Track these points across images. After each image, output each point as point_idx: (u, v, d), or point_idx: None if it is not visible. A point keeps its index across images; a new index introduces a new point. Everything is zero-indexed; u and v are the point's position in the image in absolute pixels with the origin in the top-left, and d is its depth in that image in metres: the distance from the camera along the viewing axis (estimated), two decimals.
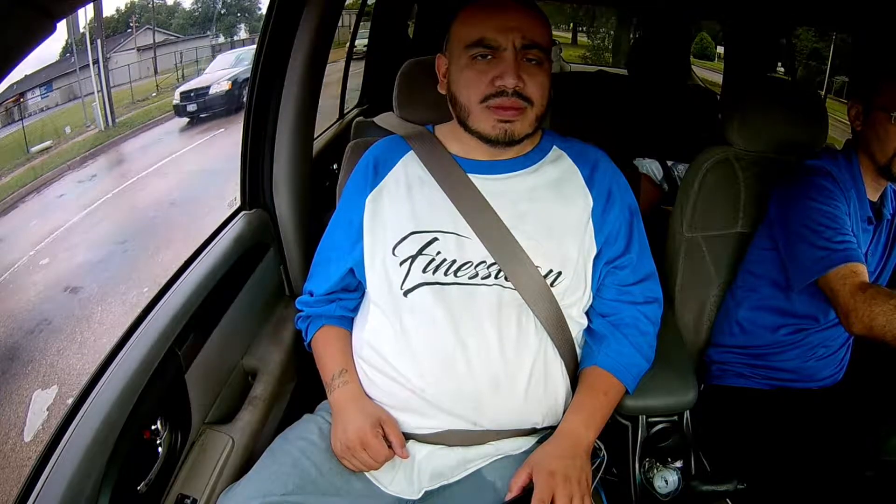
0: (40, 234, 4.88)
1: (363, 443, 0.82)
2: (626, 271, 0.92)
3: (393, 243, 0.87)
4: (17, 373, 3.16)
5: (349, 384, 0.89)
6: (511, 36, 0.81)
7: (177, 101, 7.90)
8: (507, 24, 0.81)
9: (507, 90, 0.81)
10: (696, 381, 0.98)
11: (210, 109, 7.79)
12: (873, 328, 0.89)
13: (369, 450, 0.82)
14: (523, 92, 0.82)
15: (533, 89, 0.82)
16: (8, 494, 2.43)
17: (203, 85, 7.99)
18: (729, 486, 0.96)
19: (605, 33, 10.03)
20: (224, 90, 7.89)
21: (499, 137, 0.84)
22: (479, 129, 0.85)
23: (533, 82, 0.82)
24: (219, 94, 7.88)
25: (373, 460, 0.83)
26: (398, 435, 0.84)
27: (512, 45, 0.81)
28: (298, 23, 1.14)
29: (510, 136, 0.84)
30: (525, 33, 0.81)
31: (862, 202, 1.03)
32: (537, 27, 0.83)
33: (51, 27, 0.42)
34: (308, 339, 0.98)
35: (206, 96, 7.83)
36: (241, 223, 1.17)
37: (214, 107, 7.81)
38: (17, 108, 6.99)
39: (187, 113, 7.78)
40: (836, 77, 6.03)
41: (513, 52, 0.81)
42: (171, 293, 0.95)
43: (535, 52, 0.82)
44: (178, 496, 0.88)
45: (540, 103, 0.84)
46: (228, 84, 7.90)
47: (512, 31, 0.81)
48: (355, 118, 1.94)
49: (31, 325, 3.57)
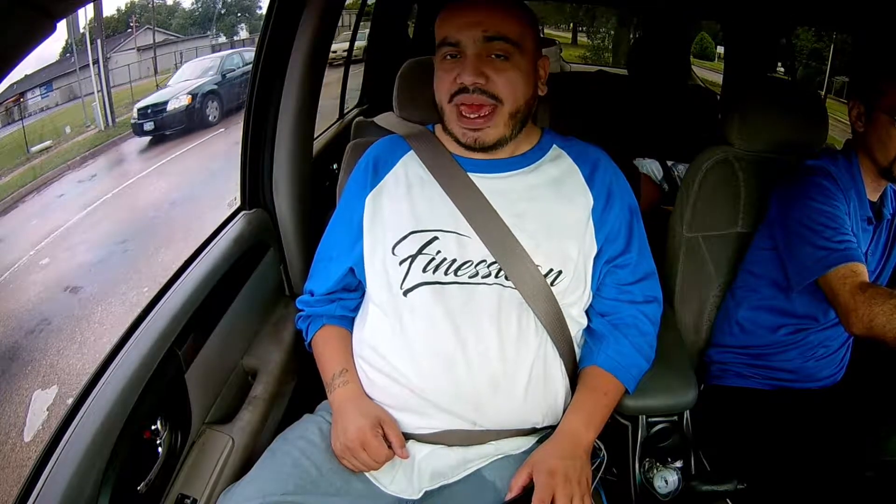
0: (40, 234, 4.87)
1: (363, 443, 0.82)
2: (626, 270, 0.92)
3: (392, 243, 0.87)
4: (17, 373, 3.16)
5: (349, 384, 0.89)
6: (471, 32, 0.81)
7: (134, 118, 7.04)
8: (467, 20, 0.81)
9: (468, 87, 0.81)
10: (696, 381, 0.98)
11: (168, 127, 6.97)
12: (873, 328, 0.89)
13: (369, 450, 0.82)
14: (487, 89, 0.81)
15: (500, 85, 0.82)
16: (8, 494, 2.43)
17: (161, 100, 7.13)
18: (729, 486, 0.96)
19: (605, 33, 10.04)
20: (183, 105, 7.05)
21: (469, 144, 0.85)
22: (452, 131, 0.86)
23: (500, 78, 0.81)
24: (177, 111, 7.03)
25: (372, 461, 0.83)
26: (398, 435, 0.84)
27: (472, 42, 0.81)
28: (298, 23, 1.14)
29: (480, 144, 0.84)
30: (487, 27, 0.81)
31: (862, 202, 1.03)
32: (503, 20, 0.82)
33: (51, 27, 0.42)
34: (308, 338, 0.98)
35: (163, 113, 6.98)
36: (241, 223, 1.17)
37: (173, 124, 6.99)
38: (17, 108, 6.99)
39: (144, 132, 6.94)
40: (836, 77, 6.03)
41: (472, 48, 0.81)
42: (171, 293, 0.95)
43: (500, 44, 0.81)
44: (178, 496, 0.88)
45: (512, 100, 0.83)
46: (188, 98, 7.07)
47: (472, 26, 0.81)
48: (355, 118, 1.94)
49: (31, 325, 3.57)
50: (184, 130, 6.98)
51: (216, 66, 7.75)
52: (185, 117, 7.07)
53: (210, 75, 7.55)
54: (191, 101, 7.09)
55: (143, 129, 6.95)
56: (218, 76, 7.59)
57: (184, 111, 7.07)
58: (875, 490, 0.91)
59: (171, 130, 6.98)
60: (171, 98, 7.09)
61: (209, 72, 7.63)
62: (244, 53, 8.20)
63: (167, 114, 7.01)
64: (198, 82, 7.39)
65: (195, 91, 7.19)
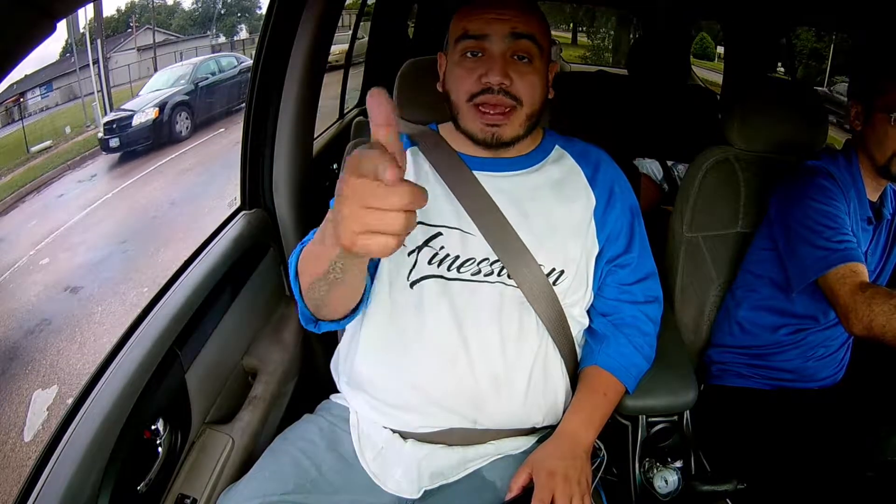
0: (40, 233, 4.87)
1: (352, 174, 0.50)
2: (627, 270, 0.92)
3: None
4: (17, 373, 3.16)
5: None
6: (500, 27, 0.80)
7: (101, 133, 6.27)
8: (496, 15, 0.81)
9: (493, 87, 0.80)
10: (696, 381, 0.98)
11: (135, 144, 6.22)
12: (873, 328, 0.89)
13: (364, 162, 0.49)
14: (510, 90, 0.81)
15: (522, 88, 0.82)
16: (8, 494, 2.43)
17: (126, 113, 6.38)
18: (729, 486, 0.96)
19: (605, 33, 10.04)
20: (150, 119, 6.27)
21: (487, 140, 0.84)
22: (467, 129, 0.85)
23: (522, 81, 0.81)
24: (144, 125, 6.26)
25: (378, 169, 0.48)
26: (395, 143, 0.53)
27: (500, 37, 0.80)
28: (298, 23, 1.14)
29: (498, 140, 0.84)
30: (516, 25, 0.81)
31: (862, 202, 1.04)
32: (531, 20, 0.82)
33: (51, 27, 0.42)
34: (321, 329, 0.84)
35: (129, 128, 6.22)
36: (241, 223, 1.17)
37: (139, 140, 6.23)
38: (17, 108, 6.98)
39: (110, 149, 6.20)
40: (836, 77, 6.03)
41: (500, 44, 0.80)
42: (171, 293, 0.95)
43: (525, 43, 0.81)
44: (178, 496, 0.88)
45: (530, 103, 0.83)
46: (155, 111, 6.31)
47: (501, 22, 0.80)
48: (355, 118, 1.94)
49: (31, 325, 3.57)
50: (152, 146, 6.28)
51: (188, 75, 7.05)
52: (152, 132, 6.28)
53: (181, 84, 6.83)
54: (158, 114, 6.34)
55: (109, 145, 6.21)
56: (189, 85, 6.91)
57: (150, 125, 6.28)
58: (875, 490, 0.91)
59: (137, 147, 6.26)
60: (136, 111, 6.34)
61: (180, 80, 6.91)
62: (220, 59, 7.66)
63: (133, 129, 6.22)
64: (167, 92, 6.65)
65: (162, 103, 6.44)
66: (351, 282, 0.71)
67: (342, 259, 0.63)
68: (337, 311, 0.79)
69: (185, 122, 6.74)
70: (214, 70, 7.36)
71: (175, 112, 6.57)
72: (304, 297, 0.76)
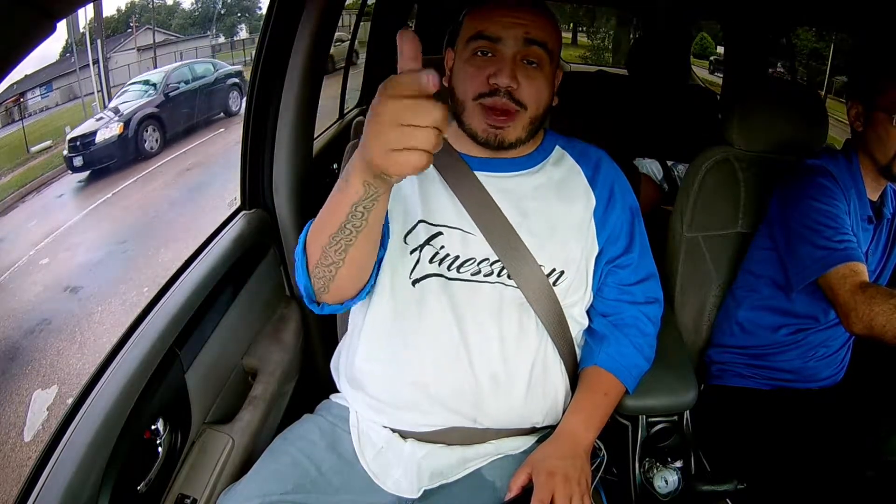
0: (40, 233, 4.87)
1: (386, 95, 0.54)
2: (627, 271, 0.92)
3: (404, 231, 0.86)
4: (17, 373, 3.15)
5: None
6: (514, 31, 0.80)
7: (66, 151, 5.63)
8: (512, 18, 0.81)
9: (500, 89, 0.80)
10: (696, 381, 0.98)
11: (99, 162, 5.60)
12: (873, 328, 0.89)
13: (399, 82, 0.54)
14: (516, 95, 0.81)
15: (528, 93, 0.82)
16: (8, 494, 2.43)
17: (90, 129, 5.71)
18: (729, 486, 0.96)
19: (605, 33, 10.04)
20: (115, 135, 5.64)
21: (489, 141, 0.84)
22: (471, 127, 0.85)
23: (529, 86, 0.82)
24: (108, 142, 5.63)
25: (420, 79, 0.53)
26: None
27: (513, 40, 0.80)
28: (298, 23, 1.14)
29: (500, 142, 0.84)
30: (530, 30, 0.81)
31: (862, 201, 1.04)
32: (545, 26, 0.82)
33: (51, 27, 0.42)
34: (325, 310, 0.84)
35: (92, 145, 5.59)
36: (241, 223, 1.17)
37: (104, 158, 5.62)
38: (17, 108, 6.98)
39: (75, 168, 5.56)
40: (836, 77, 6.03)
41: (512, 47, 0.81)
42: (171, 293, 0.95)
43: (536, 49, 0.81)
44: (178, 496, 0.88)
45: (535, 108, 0.83)
46: (119, 127, 5.66)
47: (516, 26, 0.80)
48: (355, 118, 1.94)
49: (31, 325, 3.56)
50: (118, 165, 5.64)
51: (159, 84, 6.40)
52: (117, 149, 5.65)
53: (149, 95, 6.20)
54: (122, 129, 5.69)
55: (73, 164, 5.55)
56: (159, 96, 6.28)
57: (115, 142, 5.63)
58: (875, 490, 0.91)
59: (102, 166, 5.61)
60: (100, 127, 5.65)
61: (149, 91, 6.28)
62: (195, 66, 7.01)
63: (96, 146, 5.58)
64: (134, 105, 5.99)
65: (128, 117, 5.78)
66: (369, 232, 0.70)
67: (366, 197, 0.64)
68: (345, 288, 0.78)
69: (153, 137, 6.06)
70: (188, 78, 6.73)
71: (142, 126, 5.92)
72: (313, 272, 0.76)
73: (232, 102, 7.25)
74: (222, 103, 7.25)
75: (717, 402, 1.11)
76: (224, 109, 7.23)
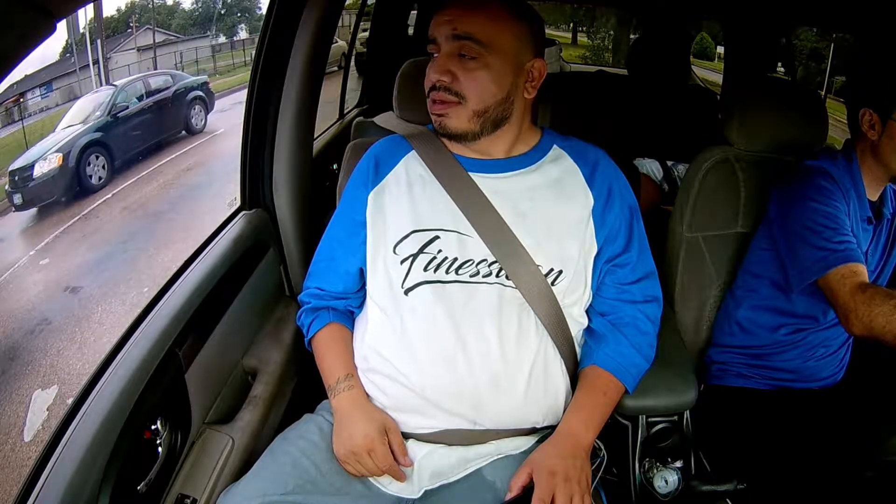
0: (40, 233, 4.86)
1: (370, 450, 0.82)
2: (626, 270, 0.92)
3: (394, 242, 0.87)
4: (17, 373, 3.15)
5: (354, 388, 0.89)
6: (442, 29, 0.83)
7: (7, 186, 4.83)
8: (443, 17, 0.83)
9: (435, 84, 0.84)
10: (696, 381, 0.98)
11: (40, 200, 4.82)
12: (873, 328, 0.89)
13: (376, 457, 0.83)
14: (452, 87, 0.83)
15: (466, 86, 0.83)
16: (8, 494, 2.43)
17: (27, 162, 4.93)
18: (729, 486, 0.96)
19: (605, 33, 10.04)
20: (54, 168, 4.87)
21: (438, 130, 0.87)
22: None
23: (466, 78, 0.83)
24: (47, 176, 4.85)
25: (377, 467, 0.83)
26: (401, 443, 0.85)
27: (443, 38, 0.83)
28: (298, 23, 1.14)
29: (444, 129, 0.86)
30: (456, 26, 0.82)
31: (861, 202, 1.03)
32: (474, 20, 0.82)
33: (51, 27, 0.42)
34: (310, 334, 0.96)
35: (31, 181, 4.82)
36: (241, 223, 1.17)
37: (44, 196, 4.83)
38: (17, 108, 6.97)
39: (17, 206, 4.80)
40: (836, 77, 6.03)
41: (445, 46, 0.83)
42: (171, 293, 0.95)
43: (467, 43, 0.82)
44: (178, 496, 0.88)
45: (477, 100, 0.84)
46: (59, 158, 4.88)
47: (444, 24, 0.83)
48: (355, 118, 1.94)
49: (31, 325, 3.56)
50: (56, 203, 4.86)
51: (105, 104, 5.53)
52: (56, 185, 4.87)
53: (94, 119, 5.31)
54: (61, 161, 4.87)
55: (14, 202, 4.78)
56: (105, 118, 5.43)
57: (56, 175, 4.85)
58: (875, 490, 0.91)
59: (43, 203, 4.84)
60: (37, 159, 4.87)
61: (94, 113, 5.39)
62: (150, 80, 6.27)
63: (35, 181, 4.83)
64: (75, 131, 5.15)
65: (67, 147, 4.96)
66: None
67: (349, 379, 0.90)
68: None
69: (98, 167, 5.22)
70: (141, 93, 5.97)
71: (84, 156, 5.07)
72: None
73: (195, 119, 6.47)
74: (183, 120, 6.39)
75: (717, 402, 1.11)
76: (186, 127, 6.41)
